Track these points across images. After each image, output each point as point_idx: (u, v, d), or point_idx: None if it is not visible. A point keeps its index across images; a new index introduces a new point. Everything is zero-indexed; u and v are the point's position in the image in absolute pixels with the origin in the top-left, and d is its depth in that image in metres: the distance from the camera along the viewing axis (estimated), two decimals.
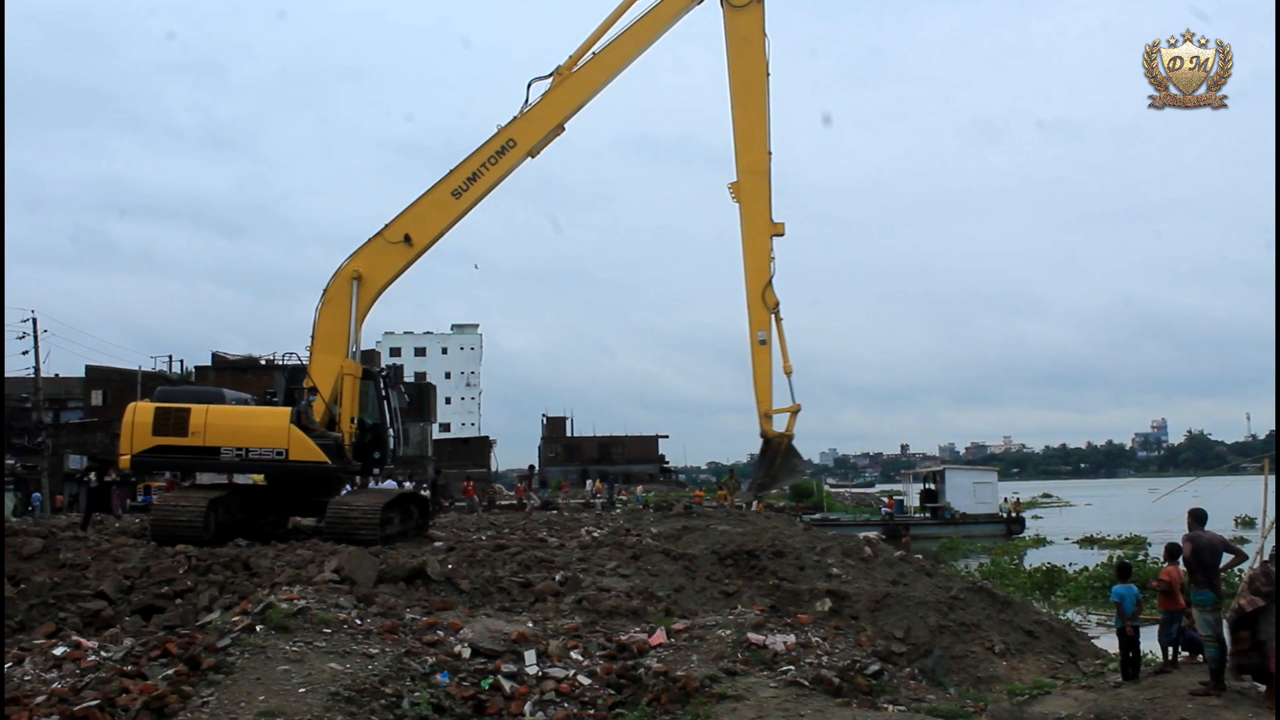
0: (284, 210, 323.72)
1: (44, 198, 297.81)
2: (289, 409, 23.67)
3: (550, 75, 25.48)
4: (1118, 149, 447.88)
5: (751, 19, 25.73)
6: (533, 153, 25.54)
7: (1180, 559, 13.35)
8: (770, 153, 25.94)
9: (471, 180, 25.02)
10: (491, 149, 25.17)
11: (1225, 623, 12.51)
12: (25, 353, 54.84)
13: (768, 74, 25.81)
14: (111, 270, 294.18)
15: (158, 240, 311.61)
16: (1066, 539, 55.45)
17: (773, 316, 25.77)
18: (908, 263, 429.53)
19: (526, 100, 25.39)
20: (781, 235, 25.95)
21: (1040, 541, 55.10)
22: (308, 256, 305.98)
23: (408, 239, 24.81)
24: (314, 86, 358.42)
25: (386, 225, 24.89)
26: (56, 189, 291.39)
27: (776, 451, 26.39)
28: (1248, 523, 46.79)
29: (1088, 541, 52.78)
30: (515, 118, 25.35)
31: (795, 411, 26.70)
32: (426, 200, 25.11)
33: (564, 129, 25.78)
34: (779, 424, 26.68)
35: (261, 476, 25.70)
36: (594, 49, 25.56)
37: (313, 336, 24.47)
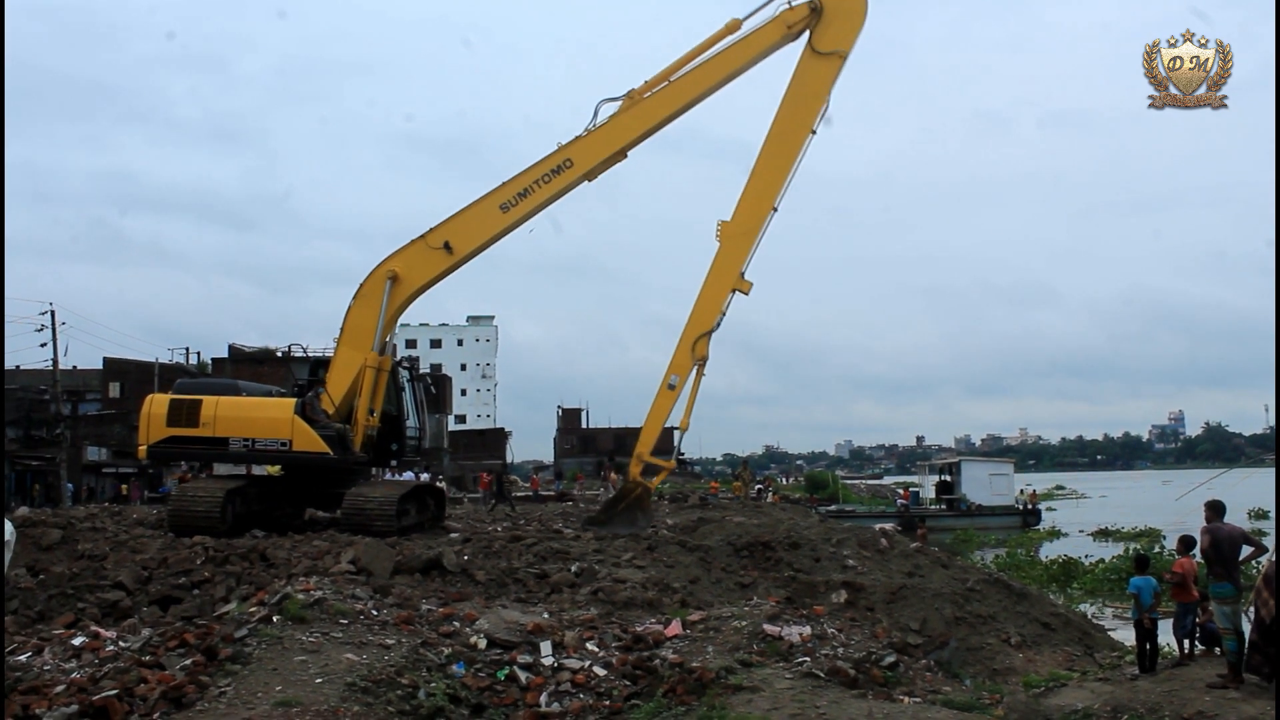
0: (292, 203, 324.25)
1: (52, 191, 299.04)
2: (295, 400, 23.85)
3: (621, 98, 24.28)
4: (1124, 140, 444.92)
5: (825, 71, 24.05)
6: (590, 176, 24.49)
7: (1195, 551, 13.29)
8: (776, 209, 24.33)
9: (522, 196, 24.21)
10: (547, 167, 24.25)
11: (1249, 622, 12.44)
12: (44, 345, 55.01)
13: (813, 132, 24.16)
14: (122, 263, 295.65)
15: (167, 233, 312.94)
16: (1081, 531, 55.28)
17: (695, 369, 24.30)
18: (916, 254, 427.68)
19: (594, 120, 24.28)
20: (746, 294, 24.40)
21: (1054, 534, 54.96)
22: (318, 249, 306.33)
23: (448, 246, 24.29)
24: (317, 81, 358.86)
25: (430, 230, 24.46)
26: (64, 182, 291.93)
27: (626, 497, 25.12)
28: (1261, 515, 46.56)
29: (1102, 534, 52.60)
30: (577, 137, 24.29)
31: (668, 470, 26.12)
32: (473, 211, 24.51)
33: (626, 155, 24.66)
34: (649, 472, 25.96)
35: (278, 468, 25.83)
36: (671, 78, 24.32)
37: (342, 330, 24.50)
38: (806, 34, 24.04)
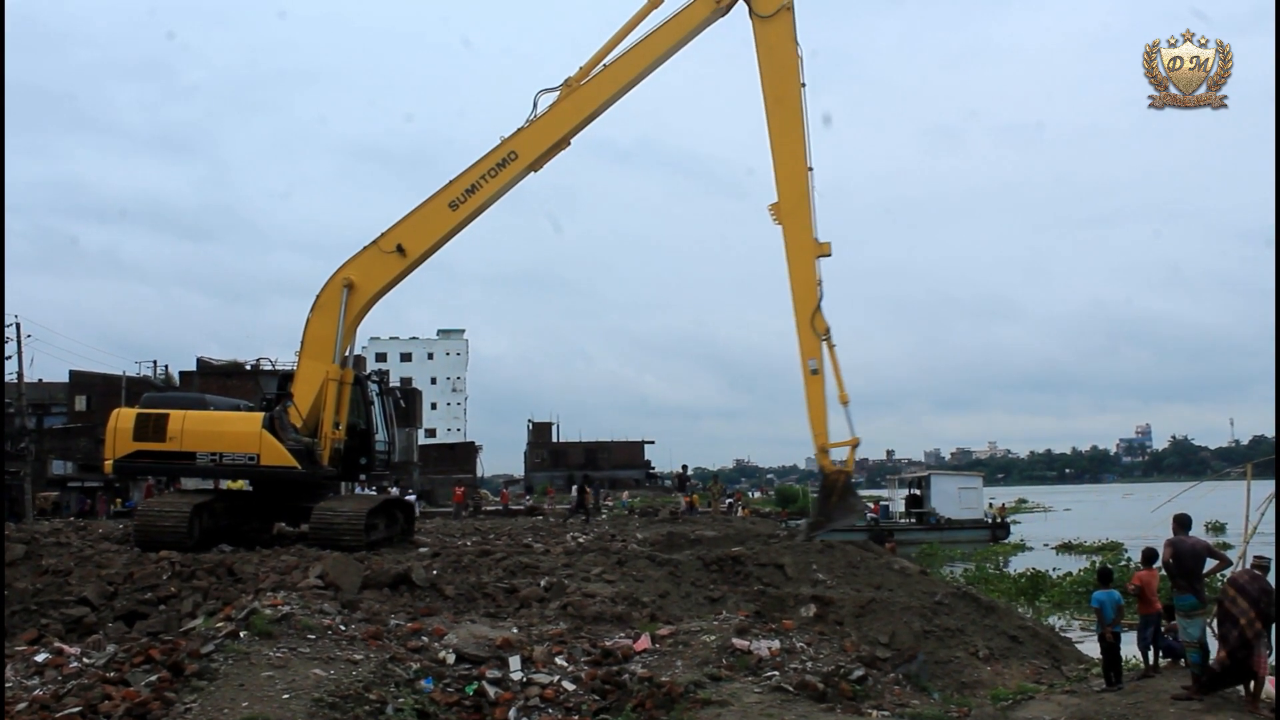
0: (247, 213, 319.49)
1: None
2: (262, 414, 23.75)
3: (558, 87, 24.42)
4: (1077, 154, 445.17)
5: (781, 29, 24.17)
6: (535, 166, 24.52)
7: (1157, 563, 13.45)
8: (810, 169, 24.19)
9: (470, 192, 24.21)
10: (492, 161, 24.27)
11: (1213, 635, 12.57)
12: (9, 358, 54.54)
13: (802, 84, 24.23)
14: (77, 274, 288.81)
15: (122, 243, 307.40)
16: (1046, 545, 55.66)
17: (824, 343, 23.95)
18: (874, 267, 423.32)
19: (534, 111, 24.42)
20: (828, 255, 24.19)
21: (1019, 547, 55.30)
22: (276, 260, 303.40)
23: (401, 249, 24.24)
24: (265, 91, 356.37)
25: (382, 234, 24.43)
26: (12, 192, 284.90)
27: (832, 488, 24.47)
28: (1218, 528, 47.06)
29: (1065, 548, 52.98)
30: (519, 129, 24.36)
31: (854, 445, 24.74)
32: (423, 211, 24.48)
33: (569, 143, 24.73)
34: (837, 457, 24.74)
35: (245, 482, 25.67)
36: (605, 61, 24.42)
37: (302, 342, 24.40)
38: (743, 6, 24.20)
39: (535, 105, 24.48)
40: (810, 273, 24.18)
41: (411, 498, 39.87)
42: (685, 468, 62.08)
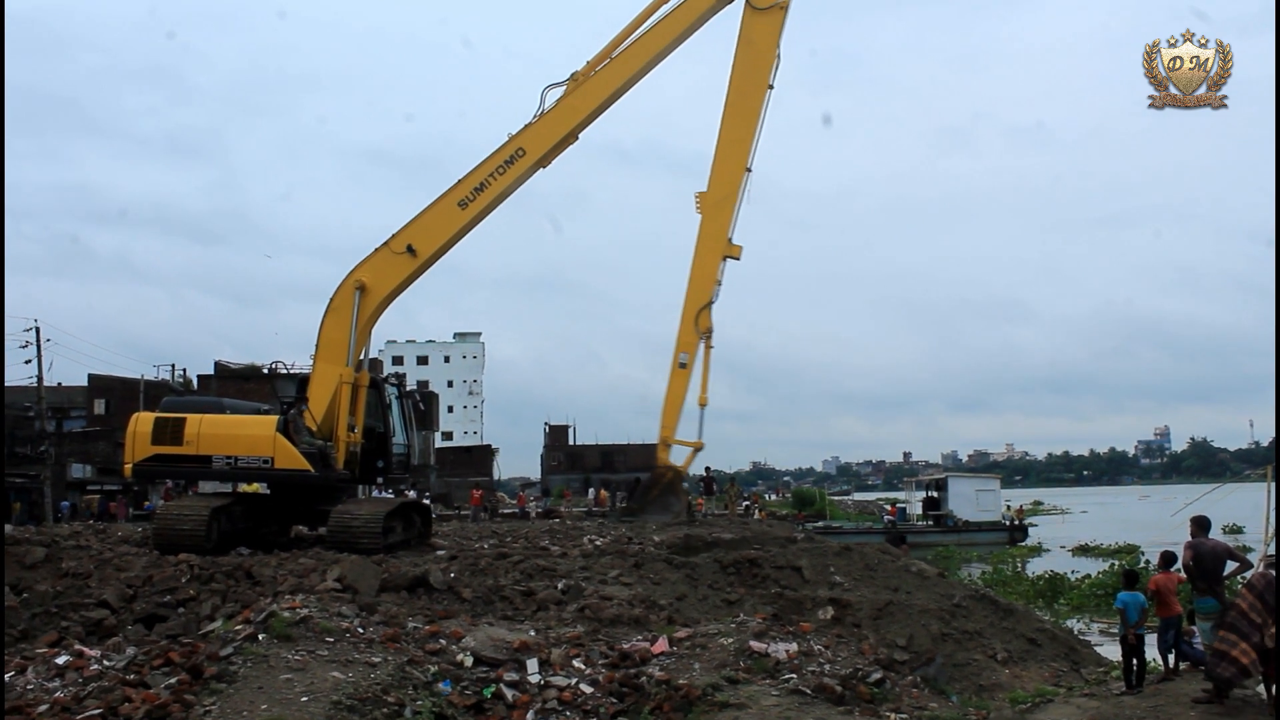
0: (257, 217, 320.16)
1: (11, 205, 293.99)
2: (277, 418, 23.80)
3: (565, 82, 24.51)
4: (1086, 154, 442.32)
5: (768, 25, 24.28)
6: (544, 162, 24.56)
7: (1175, 566, 13.39)
8: (750, 169, 24.36)
9: (479, 190, 24.20)
10: (500, 158, 24.28)
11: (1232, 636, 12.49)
12: (28, 362, 54.93)
13: (770, 87, 24.33)
14: (89, 278, 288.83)
15: (133, 247, 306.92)
16: (1062, 547, 55.47)
17: (703, 342, 24.09)
18: (886, 269, 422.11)
19: (541, 107, 24.46)
20: (737, 259, 24.29)
21: (1035, 550, 55.10)
22: (286, 263, 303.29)
23: (411, 250, 24.26)
24: (272, 95, 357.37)
25: (392, 235, 24.45)
26: (23, 196, 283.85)
27: (657, 482, 24.64)
28: (1235, 530, 46.81)
29: (1082, 550, 52.76)
30: (527, 125, 24.40)
31: (696, 449, 24.99)
32: (432, 211, 24.51)
33: (577, 138, 24.78)
34: (678, 457, 24.98)
35: (263, 485, 25.74)
36: (612, 54, 24.52)
37: (317, 345, 24.46)
38: None
39: (542, 101, 24.53)
40: (713, 270, 24.26)
41: (428, 501, 40.06)
42: (709, 469, 62.05)
